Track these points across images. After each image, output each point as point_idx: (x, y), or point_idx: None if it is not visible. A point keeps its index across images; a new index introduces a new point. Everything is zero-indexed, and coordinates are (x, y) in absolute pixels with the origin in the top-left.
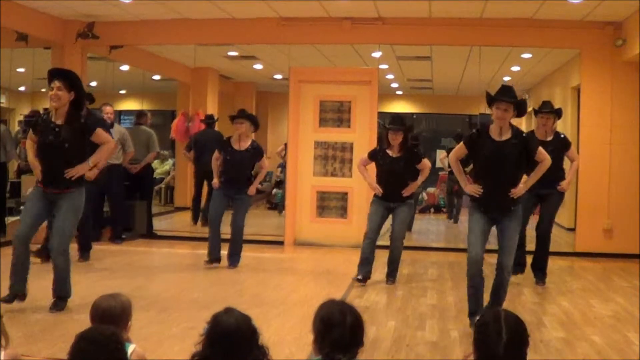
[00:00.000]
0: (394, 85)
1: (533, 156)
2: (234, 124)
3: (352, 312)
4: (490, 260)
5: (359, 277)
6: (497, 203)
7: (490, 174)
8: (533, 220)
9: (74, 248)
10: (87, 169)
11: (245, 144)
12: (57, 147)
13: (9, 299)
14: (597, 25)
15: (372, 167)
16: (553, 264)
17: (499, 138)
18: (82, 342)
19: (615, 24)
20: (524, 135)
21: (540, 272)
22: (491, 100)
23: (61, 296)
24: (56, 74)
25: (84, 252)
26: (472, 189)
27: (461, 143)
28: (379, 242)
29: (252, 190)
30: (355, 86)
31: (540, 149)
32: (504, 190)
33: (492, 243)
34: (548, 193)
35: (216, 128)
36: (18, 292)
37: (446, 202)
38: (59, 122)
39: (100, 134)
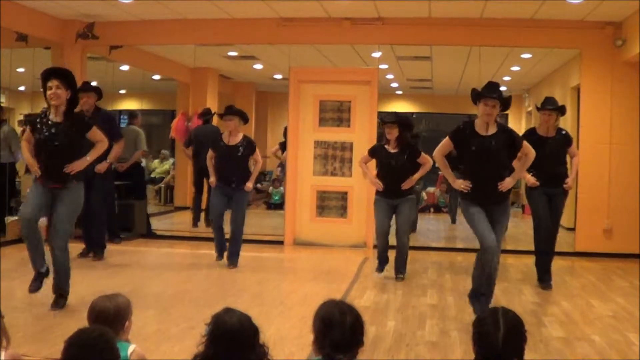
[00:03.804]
0: (394, 85)
1: (519, 150)
2: (224, 120)
3: (352, 312)
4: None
5: (379, 269)
6: (486, 196)
7: (478, 168)
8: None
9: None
10: (85, 165)
11: (237, 139)
12: (56, 145)
13: (35, 289)
14: (597, 25)
15: (373, 164)
16: (553, 263)
17: (485, 133)
18: (72, 348)
19: (615, 24)
20: (509, 129)
21: (545, 274)
22: (478, 96)
23: (62, 294)
24: (53, 73)
25: (99, 251)
26: (460, 184)
27: (446, 138)
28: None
29: (248, 185)
30: (355, 86)
31: (525, 142)
32: (492, 184)
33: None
34: (556, 193)
35: (215, 124)
36: (40, 271)
37: (447, 203)
38: (58, 120)
39: (95, 132)
